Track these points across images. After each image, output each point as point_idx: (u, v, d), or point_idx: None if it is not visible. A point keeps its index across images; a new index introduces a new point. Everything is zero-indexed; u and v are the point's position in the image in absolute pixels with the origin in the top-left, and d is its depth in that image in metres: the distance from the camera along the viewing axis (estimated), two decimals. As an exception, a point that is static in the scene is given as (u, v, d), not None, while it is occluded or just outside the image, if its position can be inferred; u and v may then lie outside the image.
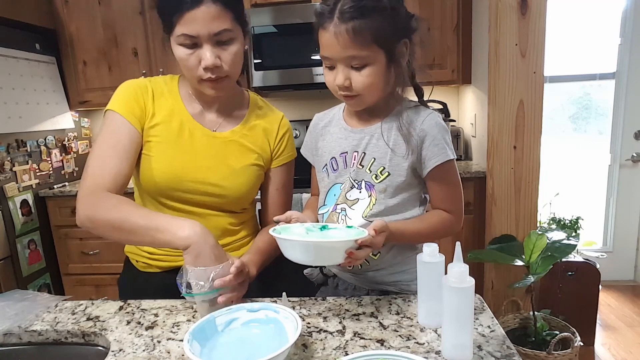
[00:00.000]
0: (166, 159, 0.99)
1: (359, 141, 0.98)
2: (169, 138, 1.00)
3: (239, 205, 1.07)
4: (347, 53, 0.85)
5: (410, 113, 0.94)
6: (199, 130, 1.02)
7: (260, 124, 1.08)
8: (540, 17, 1.88)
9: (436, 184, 0.95)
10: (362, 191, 0.97)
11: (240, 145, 1.04)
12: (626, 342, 2.30)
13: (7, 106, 2.18)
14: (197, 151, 1.01)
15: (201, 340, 0.69)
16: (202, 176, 1.00)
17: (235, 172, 1.03)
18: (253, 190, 1.08)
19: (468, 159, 2.67)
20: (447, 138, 0.93)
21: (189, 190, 1.00)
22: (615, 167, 2.88)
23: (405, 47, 0.90)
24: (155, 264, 1.04)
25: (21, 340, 0.86)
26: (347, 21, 0.82)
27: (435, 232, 0.95)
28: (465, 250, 0.75)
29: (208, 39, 0.90)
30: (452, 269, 0.66)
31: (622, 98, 2.80)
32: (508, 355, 0.68)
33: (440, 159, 0.91)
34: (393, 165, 0.94)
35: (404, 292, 0.99)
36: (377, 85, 0.89)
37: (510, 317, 2.04)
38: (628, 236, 2.93)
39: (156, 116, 1.00)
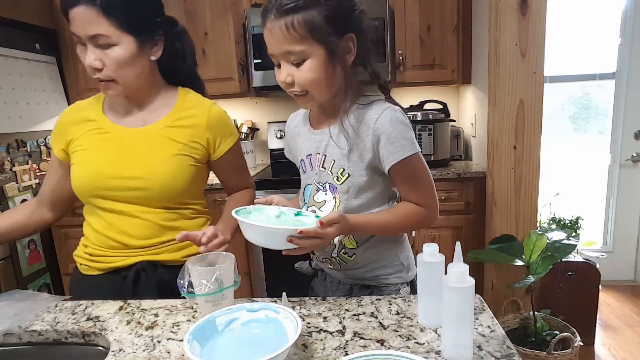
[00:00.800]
0: (86, 162, 1.04)
1: (319, 143, 0.98)
2: (87, 145, 1.04)
3: (169, 198, 1.04)
4: (283, 49, 0.85)
5: (363, 111, 0.92)
6: (119, 131, 1.05)
7: (186, 118, 1.07)
8: (540, 17, 1.88)
9: (400, 180, 0.94)
10: (327, 193, 0.98)
11: (163, 137, 1.04)
12: (626, 342, 2.30)
13: (7, 106, 2.18)
14: (118, 150, 1.03)
15: (201, 340, 0.69)
16: (120, 171, 1.01)
17: (156, 163, 1.02)
18: (181, 182, 1.04)
19: (468, 159, 2.67)
20: (407, 133, 0.90)
21: (110, 187, 1.02)
22: (615, 167, 2.88)
23: (351, 43, 0.89)
24: (95, 265, 1.06)
25: (21, 340, 0.86)
26: (282, 17, 0.83)
27: (405, 224, 0.95)
28: (465, 250, 0.75)
29: (88, 40, 0.93)
30: (452, 269, 0.66)
31: (622, 98, 2.80)
32: (508, 355, 0.68)
33: (397, 157, 0.89)
34: (352, 166, 0.93)
35: (383, 285, 1.01)
36: (320, 81, 0.88)
37: (510, 317, 2.04)
38: (628, 236, 2.93)
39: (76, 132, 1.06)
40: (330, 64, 0.87)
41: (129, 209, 1.03)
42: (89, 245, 1.07)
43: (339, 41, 0.87)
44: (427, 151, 2.37)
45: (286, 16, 0.83)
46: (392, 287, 1.02)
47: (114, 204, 1.03)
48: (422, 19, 2.38)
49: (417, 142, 0.92)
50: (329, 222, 0.83)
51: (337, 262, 1.01)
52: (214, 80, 2.48)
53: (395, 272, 1.02)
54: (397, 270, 1.02)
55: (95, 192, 1.03)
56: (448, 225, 2.29)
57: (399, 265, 1.02)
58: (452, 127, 2.56)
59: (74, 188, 1.06)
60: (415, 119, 2.38)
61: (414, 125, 2.36)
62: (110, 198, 1.03)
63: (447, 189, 2.25)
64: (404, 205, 0.96)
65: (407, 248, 1.06)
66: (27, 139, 2.31)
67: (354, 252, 0.99)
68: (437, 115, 2.40)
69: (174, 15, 1.15)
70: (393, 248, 1.02)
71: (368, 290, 1.02)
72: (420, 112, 2.42)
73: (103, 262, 1.05)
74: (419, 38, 2.40)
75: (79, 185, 1.04)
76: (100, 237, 1.05)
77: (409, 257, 1.05)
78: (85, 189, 1.04)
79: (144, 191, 1.02)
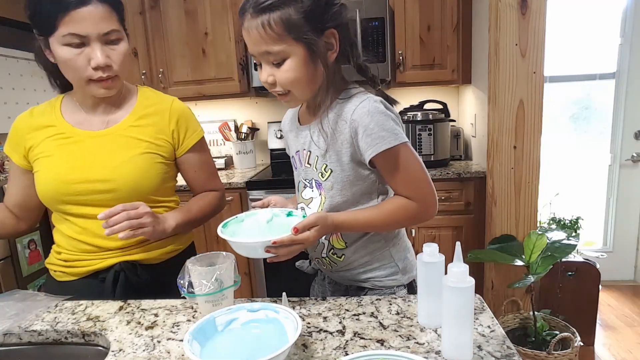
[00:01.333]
0: (49, 169, 1.01)
1: (305, 139, 0.97)
2: (49, 151, 1.02)
3: (139, 198, 1.01)
4: (261, 49, 0.83)
5: (342, 105, 0.89)
6: (81, 135, 1.03)
7: (148, 115, 1.06)
8: (540, 17, 1.88)
9: (386, 173, 0.91)
10: (313, 190, 0.97)
11: (126, 137, 1.03)
12: (626, 342, 2.30)
13: (7, 106, 2.18)
14: (82, 154, 1.01)
15: (201, 340, 0.69)
16: (86, 175, 1.00)
17: (122, 163, 1.01)
18: (150, 181, 1.04)
19: (468, 159, 2.67)
20: (386, 123, 0.85)
21: (77, 192, 1.00)
22: (615, 167, 2.88)
23: (332, 39, 0.86)
24: (71, 271, 1.05)
25: (21, 340, 0.86)
26: (258, 16, 0.81)
27: (394, 219, 0.91)
28: (465, 250, 0.75)
29: (97, 38, 0.91)
30: (452, 269, 0.66)
31: (622, 98, 2.80)
32: (508, 355, 0.68)
33: (376, 149, 0.85)
34: (334, 162, 0.91)
35: (377, 287, 0.99)
36: (301, 80, 0.86)
37: (510, 317, 2.04)
38: (628, 236, 2.93)
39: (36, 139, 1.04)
40: (312, 62, 0.85)
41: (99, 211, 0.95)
42: (63, 251, 1.06)
43: (319, 38, 0.84)
44: (427, 151, 2.37)
45: (262, 15, 0.80)
46: (387, 290, 0.99)
47: (84, 208, 1.01)
48: (422, 19, 2.38)
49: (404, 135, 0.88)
50: (304, 227, 0.82)
51: (328, 262, 1.00)
52: (214, 80, 2.48)
53: (390, 274, 0.99)
54: (392, 272, 0.99)
55: (63, 198, 1.01)
56: (448, 225, 2.29)
57: (393, 267, 0.99)
58: (452, 127, 2.56)
59: (40, 196, 1.04)
60: (415, 119, 2.38)
61: (414, 125, 2.36)
62: (80, 203, 1.01)
63: (447, 189, 2.25)
64: (393, 200, 0.92)
65: (405, 249, 1.02)
66: (27, 139, 2.31)
67: (342, 253, 0.97)
68: (437, 115, 2.40)
69: (174, 15, 1.16)
70: (386, 249, 0.98)
71: (363, 292, 1.00)
72: (420, 112, 2.42)
73: (79, 267, 1.04)
74: (419, 38, 2.40)
75: (44, 193, 1.02)
76: (74, 243, 1.03)
77: (406, 258, 1.01)
78: (52, 197, 1.02)
79: (112, 193, 1.01)
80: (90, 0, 0.89)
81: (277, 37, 0.81)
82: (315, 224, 0.84)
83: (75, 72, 0.95)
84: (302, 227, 0.82)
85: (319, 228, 0.84)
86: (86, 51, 0.92)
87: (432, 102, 2.53)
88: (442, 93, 2.76)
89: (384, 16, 2.27)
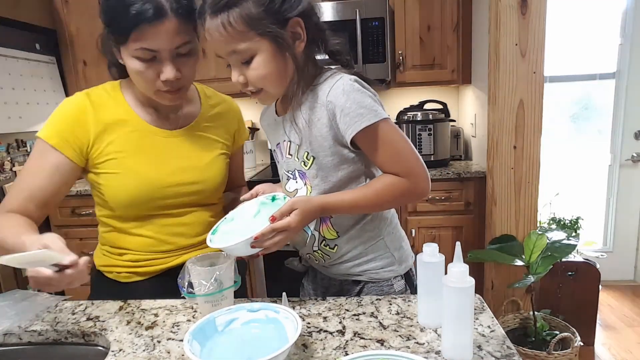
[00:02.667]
0: (136, 172, 0.96)
1: (283, 129, 0.94)
2: (130, 151, 0.97)
3: (217, 195, 1.09)
4: (227, 49, 0.82)
5: (316, 89, 0.87)
6: (159, 134, 1.00)
7: (218, 116, 1.09)
8: (540, 17, 1.88)
9: (370, 151, 0.87)
10: (297, 181, 0.95)
11: (204, 138, 1.05)
12: (626, 342, 2.30)
13: (7, 106, 2.18)
14: (164, 155, 0.99)
15: (201, 340, 0.69)
16: (178, 179, 0.99)
17: (207, 165, 1.04)
18: (225, 180, 1.10)
19: (468, 159, 2.67)
20: (364, 100, 0.82)
21: (169, 196, 0.99)
22: (616, 167, 2.88)
23: (298, 27, 0.83)
24: (142, 270, 1.02)
25: (21, 340, 0.86)
26: (216, 16, 0.79)
27: (384, 198, 0.87)
28: (465, 250, 0.75)
29: (169, 52, 0.88)
30: (452, 269, 0.66)
31: (622, 98, 2.80)
32: (508, 355, 0.68)
33: (355, 128, 0.82)
34: (315, 148, 0.88)
35: (374, 280, 0.97)
36: (273, 75, 0.84)
37: (510, 317, 2.04)
38: (628, 236, 2.93)
39: (107, 134, 0.96)
40: (280, 56, 0.83)
41: (181, 211, 1.02)
42: (129, 252, 1.01)
43: (284, 30, 0.81)
44: (427, 151, 2.37)
45: (221, 14, 0.78)
46: (384, 281, 0.97)
47: (167, 210, 1.00)
48: (422, 19, 2.38)
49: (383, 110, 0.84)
50: (282, 214, 0.81)
51: (320, 256, 0.97)
52: (214, 80, 2.47)
53: (386, 265, 0.97)
54: (388, 263, 0.97)
55: (153, 203, 0.98)
56: (448, 225, 2.29)
57: (389, 258, 0.97)
58: (452, 127, 2.56)
59: (122, 203, 0.96)
60: (415, 119, 2.38)
61: (414, 125, 2.36)
62: (166, 206, 0.99)
63: (447, 189, 2.25)
64: (381, 178, 0.88)
65: (400, 238, 1.00)
66: (27, 139, 2.31)
67: (335, 244, 0.95)
68: (437, 115, 2.40)
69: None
70: (380, 238, 0.96)
71: (359, 286, 0.98)
72: (420, 112, 2.42)
73: (153, 266, 1.01)
74: (419, 38, 2.40)
75: (133, 199, 0.96)
76: (150, 242, 1.00)
77: (401, 247, 0.99)
78: (140, 201, 0.96)
79: (199, 195, 1.02)
80: (165, 15, 0.84)
81: (240, 34, 0.79)
82: (292, 207, 0.81)
83: (144, 83, 0.92)
84: (279, 214, 0.81)
85: (299, 211, 0.81)
86: (156, 65, 0.89)
87: (432, 102, 2.53)
88: (442, 93, 2.76)
89: (384, 16, 2.27)
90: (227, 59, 0.85)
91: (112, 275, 1.04)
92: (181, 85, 0.94)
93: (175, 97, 0.95)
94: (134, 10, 0.82)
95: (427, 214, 2.29)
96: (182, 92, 0.96)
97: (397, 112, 2.51)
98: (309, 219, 0.85)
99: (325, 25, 0.90)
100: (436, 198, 2.26)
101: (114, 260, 1.03)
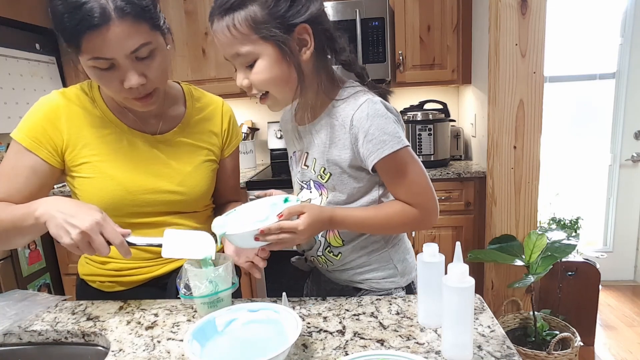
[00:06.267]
0: (110, 177, 0.92)
1: (301, 139, 0.94)
2: (106, 155, 0.92)
3: (201, 203, 1.03)
4: (231, 51, 0.81)
5: (340, 108, 0.86)
6: (139, 138, 0.95)
7: (202, 118, 1.03)
8: (540, 17, 1.88)
9: (387, 178, 0.88)
10: (312, 191, 0.94)
11: (186, 144, 0.99)
12: (626, 342, 2.30)
13: (7, 106, 2.18)
14: (143, 160, 0.94)
15: (201, 340, 0.69)
16: (155, 186, 0.95)
17: (189, 173, 0.98)
18: (212, 186, 1.04)
19: (468, 159, 2.67)
20: (387, 126, 0.82)
21: (144, 203, 0.94)
22: (615, 167, 2.88)
23: (305, 34, 0.81)
24: (126, 279, 0.98)
25: (21, 340, 0.86)
26: (223, 18, 0.78)
27: (391, 223, 0.88)
28: (465, 250, 0.75)
29: (126, 58, 0.80)
30: (452, 269, 0.66)
31: (622, 98, 2.80)
32: (508, 355, 0.68)
33: (378, 155, 0.82)
34: (332, 165, 0.89)
35: (374, 289, 0.97)
36: (275, 80, 0.82)
37: (510, 317, 2.04)
38: (628, 236, 2.93)
39: (82, 136, 0.91)
40: (285, 61, 0.81)
41: (162, 219, 0.97)
42: (112, 260, 0.98)
43: (290, 35, 0.80)
44: (427, 151, 2.37)
45: (227, 16, 0.78)
46: (385, 292, 0.97)
47: (147, 217, 0.96)
48: (422, 19, 2.38)
49: (405, 137, 0.85)
50: (290, 213, 0.80)
51: (324, 261, 0.98)
52: (214, 80, 2.48)
53: (388, 276, 0.97)
54: (390, 274, 0.97)
55: (127, 209, 0.93)
56: (448, 225, 2.29)
57: (392, 269, 0.97)
58: (452, 127, 2.56)
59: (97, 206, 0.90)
60: (415, 119, 2.38)
61: (414, 125, 2.36)
62: (144, 213, 0.95)
63: (447, 189, 2.25)
64: (392, 203, 0.89)
65: (405, 250, 1.00)
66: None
67: (339, 251, 0.95)
68: (437, 115, 2.40)
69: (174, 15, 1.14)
70: (385, 250, 0.96)
71: (359, 293, 0.98)
72: (420, 112, 2.42)
73: (136, 275, 0.98)
74: (419, 38, 2.40)
75: (106, 205, 0.89)
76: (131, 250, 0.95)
77: (405, 260, 0.99)
78: (114, 208, 0.92)
79: (180, 203, 0.98)
80: (109, 19, 0.75)
81: (244, 37, 0.78)
82: (302, 210, 0.81)
83: (110, 92, 0.87)
84: (287, 213, 0.80)
85: (308, 216, 0.80)
86: (117, 72, 0.81)
87: (432, 102, 2.53)
88: (442, 93, 2.76)
89: (384, 16, 2.27)
90: (232, 61, 0.84)
91: (95, 284, 1.01)
92: (150, 90, 0.86)
93: (147, 103, 0.88)
94: (75, 19, 0.75)
95: (427, 214, 2.28)
96: (154, 97, 0.88)
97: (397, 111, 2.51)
98: (318, 228, 0.85)
99: (337, 33, 0.88)
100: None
101: (96, 269, 1.00)
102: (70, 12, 0.75)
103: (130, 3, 0.77)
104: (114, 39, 0.77)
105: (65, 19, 0.76)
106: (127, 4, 0.77)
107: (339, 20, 2.28)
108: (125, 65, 0.80)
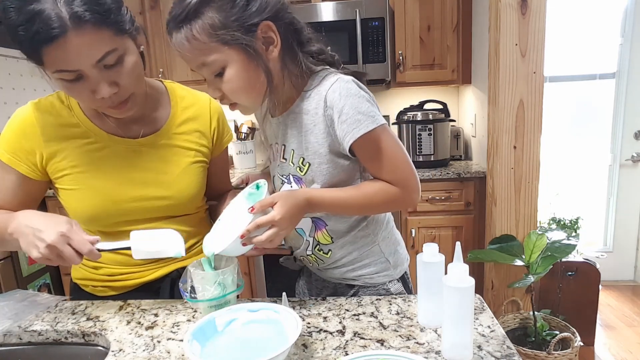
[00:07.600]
0: (93, 188, 0.89)
1: (278, 132, 0.91)
2: (87, 165, 0.89)
3: (192, 206, 1.00)
4: (196, 62, 0.78)
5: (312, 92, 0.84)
6: (120, 144, 0.91)
7: (190, 119, 0.98)
8: (540, 17, 1.88)
9: (364, 159, 0.85)
10: (292, 185, 0.91)
11: (172, 147, 0.95)
12: (626, 342, 2.30)
13: (7, 106, 2.18)
14: (126, 167, 0.91)
15: (201, 340, 0.69)
16: (141, 193, 0.92)
17: (177, 177, 0.95)
18: (202, 188, 1.01)
19: (468, 159, 2.67)
20: (361, 105, 0.79)
21: (130, 211, 0.92)
22: (616, 167, 2.88)
23: (270, 31, 0.78)
24: (119, 284, 0.97)
25: (21, 340, 0.86)
26: (179, 30, 0.75)
27: (372, 203, 0.85)
28: (465, 250, 0.75)
29: (93, 67, 0.75)
30: (452, 269, 0.66)
31: (622, 98, 2.80)
32: (508, 355, 0.68)
33: (354, 135, 0.79)
34: (311, 154, 0.85)
35: (368, 285, 0.96)
36: (246, 87, 0.80)
37: (510, 317, 2.04)
38: (628, 236, 2.93)
39: (60, 147, 0.88)
40: (254, 64, 0.78)
41: (153, 225, 0.94)
42: (104, 266, 0.96)
43: (253, 36, 0.76)
44: (427, 151, 2.37)
45: (184, 27, 0.74)
46: (380, 286, 0.96)
47: (136, 225, 0.93)
48: (422, 19, 2.38)
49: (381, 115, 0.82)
50: (262, 206, 0.76)
51: (314, 260, 0.97)
52: (214, 80, 2.48)
53: (381, 270, 0.96)
54: (383, 268, 0.96)
55: (113, 219, 0.91)
56: (448, 225, 2.29)
57: (384, 263, 0.96)
58: (452, 127, 2.56)
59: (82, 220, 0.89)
60: (415, 119, 2.39)
61: (414, 125, 2.36)
62: (131, 221, 0.93)
63: (447, 189, 2.25)
64: (372, 182, 0.86)
65: (395, 242, 0.99)
66: (27, 139, 2.31)
67: (329, 249, 0.94)
68: (437, 115, 2.41)
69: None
70: (375, 244, 0.94)
71: (353, 289, 0.97)
72: (420, 112, 2.42)
73: (129, 280, 0.97)
74: (419, 38, 2.40)
75: (92, 217, 0.89)
76: (121, 257, 0.95)
77: (396, 252, 0.98)
78: (99, 219, 0.90)
79: (168, 208, 0.95)
80: (66, 29, 0.70)
81: (205, 46, 0.75)
82: (273, 201, 0.77)
83: (82, 103, 0.85)
84: (258, 207, 0.76)
85: (281, 204, 0.77)
86: (86, 82, 0.77)
87: (432, 102, 2.53)
88: (442, 93, 2.76)
89: (384, 16, 2.27)
90: (199, 72, 0.81)
91: (88, 289, 1.01)
92: (124, 97, 0.82)
93: (123, 110, 0.84)
94: (31, 31, 0.70)
95: (427, 214, 2.29)
96: (129, 103, 0.84)
97: (397, 112, 2.51)
98: (297, 213, 0.80)
99: (302, 23, 0.84)
100: (436, 198, 2.26)
101: (89, 274, 0.99)
102: (24, 23, 0.70)
103: (89, 10, 0.71)
104: (75, 50, 0.72)
105: (21, 32, 0.71)
106: (86, 10, 0.71)
107: (339, 21, 2.28)
108: (93, 75, 0.76)
